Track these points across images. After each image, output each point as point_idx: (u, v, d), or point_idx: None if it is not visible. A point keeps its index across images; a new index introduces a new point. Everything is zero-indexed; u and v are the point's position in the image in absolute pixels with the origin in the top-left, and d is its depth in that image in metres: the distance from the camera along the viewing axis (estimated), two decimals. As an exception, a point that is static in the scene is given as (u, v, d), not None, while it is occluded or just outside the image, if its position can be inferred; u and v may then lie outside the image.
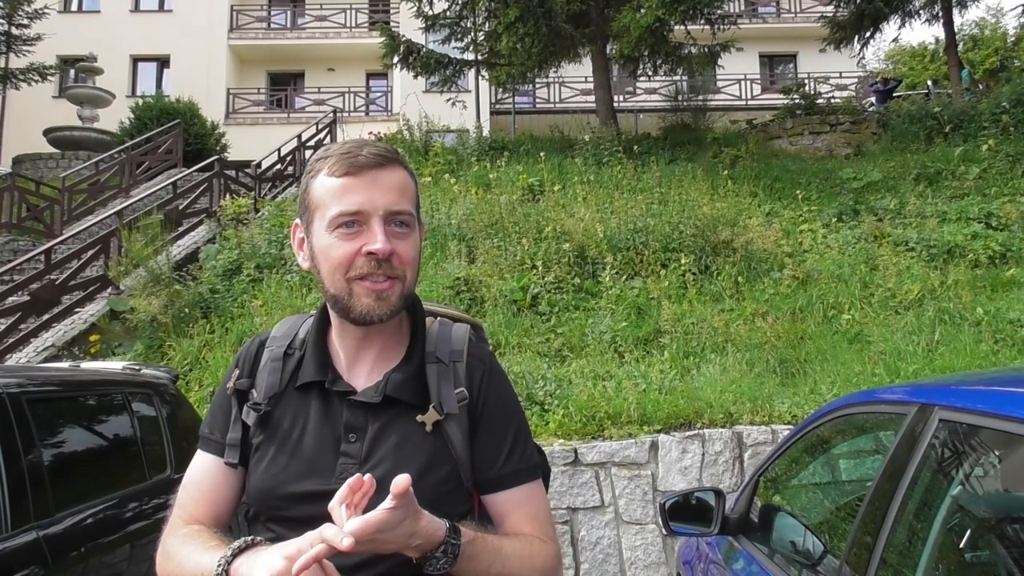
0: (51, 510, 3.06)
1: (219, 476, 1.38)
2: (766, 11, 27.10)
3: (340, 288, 1.27)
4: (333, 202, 1.26)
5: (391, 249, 1.24)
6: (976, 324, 6.96)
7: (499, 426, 1.36)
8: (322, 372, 1.33)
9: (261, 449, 1.33)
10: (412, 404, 1.31)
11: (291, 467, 1.29)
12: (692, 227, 8.97)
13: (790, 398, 5.98)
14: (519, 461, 1.36)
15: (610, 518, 5.43)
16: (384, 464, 1.26)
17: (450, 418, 1.31)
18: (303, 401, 1.34)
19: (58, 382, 3.71)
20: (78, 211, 13.92)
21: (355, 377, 1.34)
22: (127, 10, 25.71)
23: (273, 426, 1.33)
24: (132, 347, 8.39)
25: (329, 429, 1.30)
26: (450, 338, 1.40)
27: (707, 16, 13.48)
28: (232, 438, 1.38)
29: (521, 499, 1.35)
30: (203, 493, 1.38)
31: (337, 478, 1.25)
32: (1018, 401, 1.56)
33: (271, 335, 1.44)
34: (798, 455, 2.77)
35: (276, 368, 1.37)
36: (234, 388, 1.39)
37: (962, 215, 9.25)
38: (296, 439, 1.31)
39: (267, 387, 1.36)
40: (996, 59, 30.39)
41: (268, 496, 1.29)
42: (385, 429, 1.29)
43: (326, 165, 1.28)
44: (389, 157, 1.29)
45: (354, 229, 1.25)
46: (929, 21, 16.72)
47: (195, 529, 1.32)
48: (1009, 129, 11.72)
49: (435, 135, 14.88)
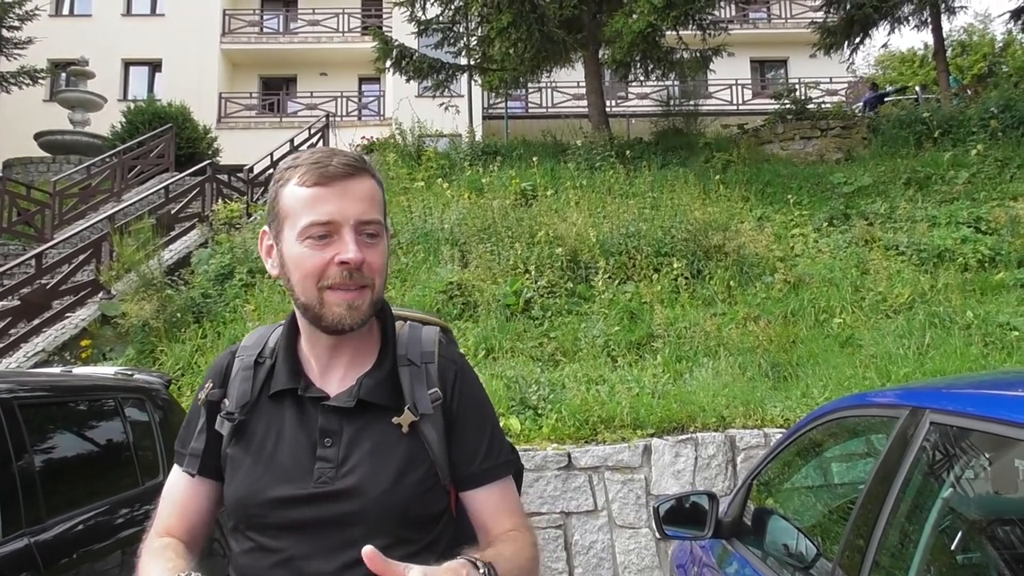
0: (43, 516, 3.04)
1: (188, 489, 1.40)
2: (757, 17, 27.26)
3: (311, 297, 1.28)
4: (304, 212, 1.26)
5: (363, 258, 1.25)
6: (966, 327, 6.99)
7: (474, 424, 1.39)
8: (294, 379, 1.34)
9: (236, 459, 1.33)
10: (386, 407, 1.32)
11: (268, 474, 1.29)
12: (684, 231, 9.00)
13: (782, 401, 6.00)
14: (495, 457, 1.40)
15: (603, 522, 5.43)
16: (362, 467, 1.27)
17: (425, 419, 1.33)
18: (276, 409, 1.35)
19: (50, 387, 3.69)
20: (69, 215, 13.85)
21: (328, 383, 1.35)
22: (119, 14, 25.65)
23: (248, 435, 1.34)
24: (123, 352, 8.36)
25: (304, 435, 1.31)
26: (420, 340, 1.42)
27: (698, 22, 13.52)
28: (195, 448, 1.39)
29: (499, 495, 1.39)
30: (175, 506, 1.40)
31: (315, 482, 1.27)
32: (1008, 404, 1.58)
33: (241, 345, 1.45)
34: (791, 458, 2.78)
35: (247, 377, 1.38)
36: (206, 399, 1.40)
37: (952, 219, 9.30)
38: (272, 447, 1.32)
39: (239, 396, 1.36)
40: (984, 64, 30.58)
41: (246, 504, 1.29)
42: (361, 433, 1.30)
43: (296, 174, 1.29)
44: (358, 167, 1.31)
45: (325, 240, 1.26)
46: (918, 27, 16.82)
47: (164, 543, 1.34)
48: (998, 134, 11.80)
49: (428, 140, 14.87)
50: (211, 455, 1.38)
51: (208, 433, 1.39)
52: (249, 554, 1.30)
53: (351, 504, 1.24)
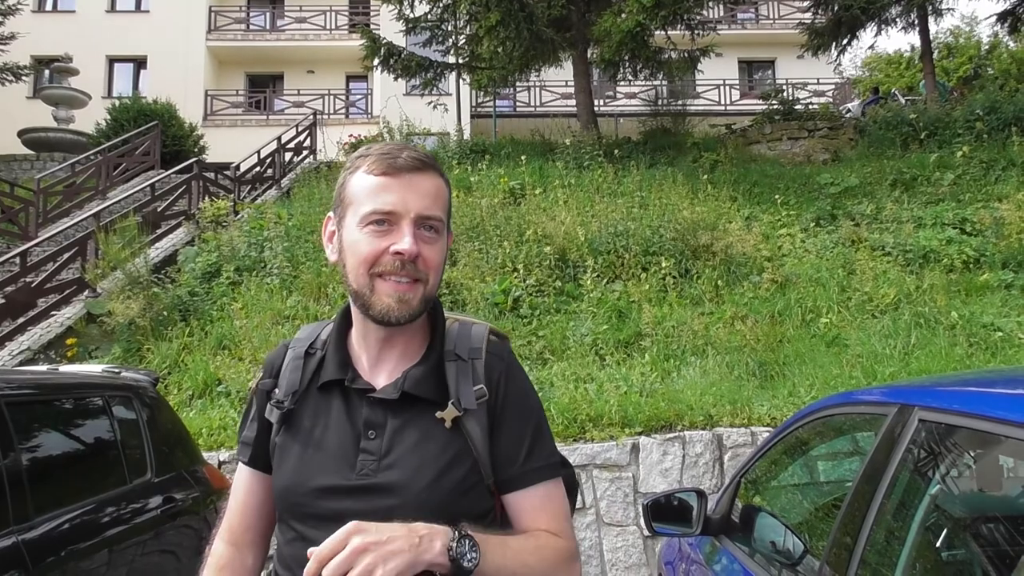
0: (30, 514, 3.03)
1: (246, 483, 1.45)
2: (745, 17, 27.32)
3: (362, 284, 1.28)
4: (368, 199, 1.28)
5: (418, 251, 1.25)
6: (951, 328, 7.06)
7: (518, 423, 1.36)
8: (342, 371, 1.35)
9: (284, 447, 1.35)
10: (431, 401, 1.31)
11: (313, 463, 1.30)
12: (672, 231, 9.03)
13: (769, 400, 6.03)
14: (539, 459, 1.35)
15: (591, 520, 5.44)
16: (404, 461, 1.27)
17: (469, 414, 1.31)
18: (325, 400, 1.36)
19: (36, 385, 3.66)
20: (54, 213, 13.72)
21: (377, 376, 1.35)
22: (103, 10, 25.37)
23: (295, 424, 1.36)
24: (109, 350, 8.30)
25: (349, 426, 1.31)
26: (469, 336, 1.40)
27: (687, 22, 13.58)
28: (247, 436, 1.44)
29: (540, 498, 1.34)
30: (237, 502, 1.45)
31: (357, 474, 1.27)
32: (996, 401, 1.59)
33: (295, 338, 1.47)
34: (779, 456, 2.79)
35: (297, 367, 1.39)
36: (257, 388, 1.43)
37: (937, 220, 9.38)
38: (319, 436, 1.32)
39: (288, 385, 1.38)
40: (970, 67, 30.83)
41: (292, 493, 1.30)
42: (404, 426, 1.30)
43: (365, 163, 1.31)
44: (427, 163, 1.32)
45: (384, 228, 1.27)
46: (905, 29, 16.94)
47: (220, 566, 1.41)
48: (983, 136, 11.90)
49: (416, 138, 14.84)
50: (261, 445, 1.40)
51: (259, 422, 1.41)
52: (291, 544, 1.30)
53: (391, 498, 1.24)
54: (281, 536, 1.35)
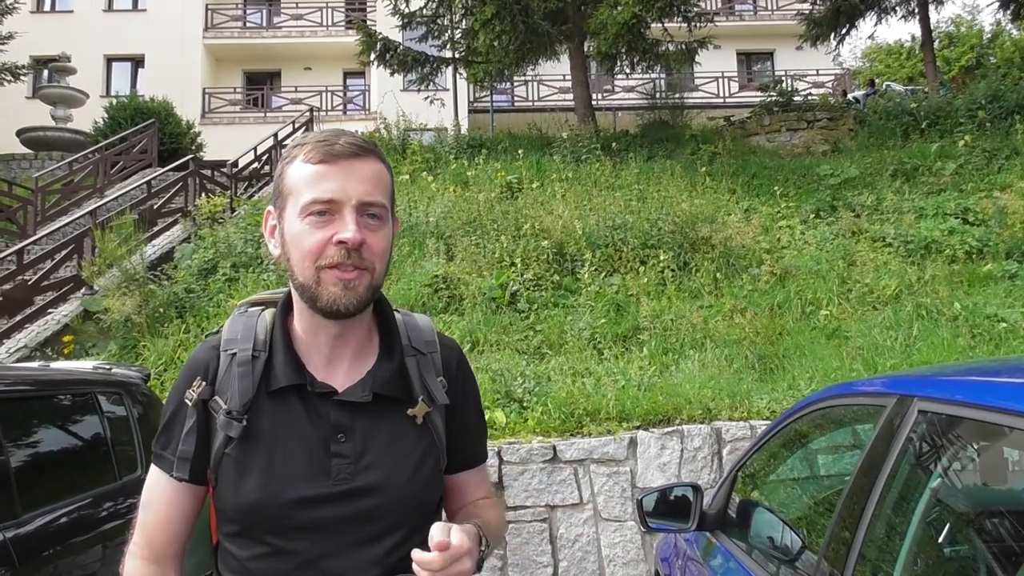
0: (17, 511, 3.01)
1: (172, 495, 1.32)
2: (743, 8, 27.25)
3: (308, 276, 1.23)
4: (306, 189, 1.23)
5: (362, 239, 1.21)
6: (953, 319, 6.99)
7: (473, 409, 1.45)
8: (300, 375, 1.28)
9: (241, 461, 1.25)
10: (398, 399, 1.30)
11: (283, 474, 1.23)
12: (670, 224, 8.96)
13: (768, 394, 5.97)
14: (483, 437, 1.51)
15: (589, 515, 5.39)
16: (381, 462, 1.26)
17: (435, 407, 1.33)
18: (281, 406, 1.27)
19: (25, 382, 3.64)
20: (52, 212, 13.69)
21: (333, 376, 1.30)
22: (100, 9, 25.38)
23: (253, 436, 1.26)
24: (106, 347, 8.27)
25: (315, 431, 1.25)
26: (419, 328, 1.40)
27: (684, 13, 13.52)
28: (184, 451, 1.29)
29: (483, 472, 1.50)
30: (158, 516, 1.32)
31: (334, 480, 1.23)
32: (997, 390, 1.54)
33: (224, 338, 1.34)
34: (776, 450, 2.74)
35: (246, 373, 1.28)
36: (197, 398, 1.29)
37: (939, 211, 9.29)
38: (283, 446, 1.25)
39: (240, 394, 1.26)
40: (972, 56, 30.66)
41: (265, 507, 1.22)
42: (375, 426, 1.28)
43: (302, 151, 1.26)
44: (366, 148, 1.28)
45: (326, 217, 1.22)
46: (905, 18, 16.85)
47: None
48: (985, 125, 11.82)
49: (413, 133, 14.79)
50: (201, 459, 1.29)
51: (198, 435, 1.29)
52: (264, 559, 1.23)
53: (373, 500, 1.23)
54: (244, 550, 1.25)
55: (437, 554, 1.09)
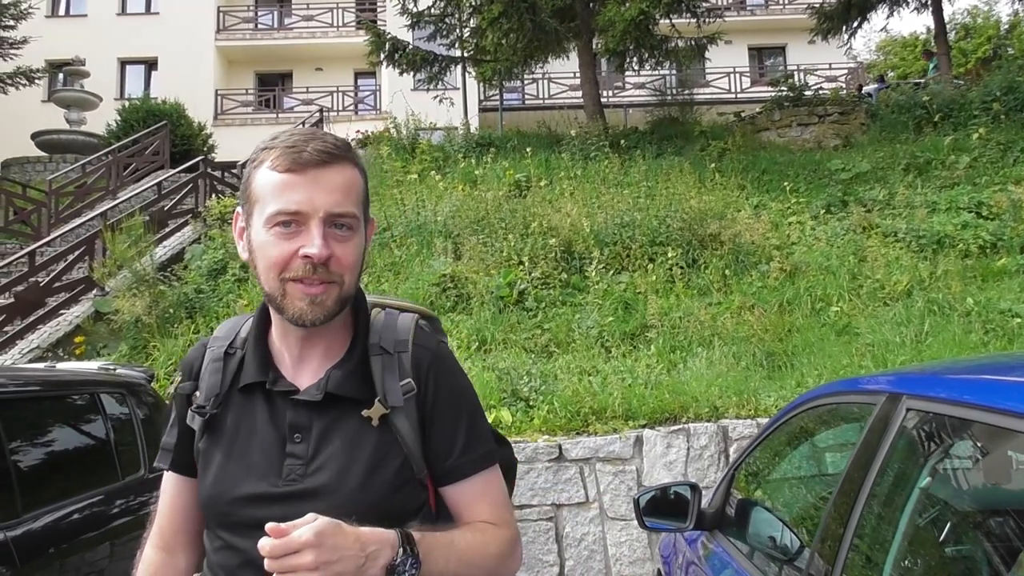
0: (19, 511, 3.02)
1: (173, 487, 1.38)
2: (754, 3, 27.09)
3: (274, 287, 1.21)
4: (272, 199, 1.19)
5: (328, 254, 1.17)
6: (966, 314, 6.90)
7: (450, 416, 1.31)
8: (263, 372, 1.28)
9: (207, 454, 1.29)
10: (357, 400, 1.25)
11: (237, 470, 1.24)
12: (679, 221, 8.91)
13: (776, 391, 5.92)
14: (474, 449, 1.31)
15: (595, 514, 5.37)
16: (332, 464, 1.22)
17: (397, 411, 1.25)
18: (247, 403, 1.29)
19: (28, 382, 3.67)
20: (65, 214, 13.82)
21: (300, 376, 1.28)
22: (114, 13, 25.59)
23: (218, 430, 1.29)
24: (117, 348, 8.32)
25: (274, 430, 1.25)
26: (395, 328, 1.34)
27: (692, 9, 13.45)
28: (166, 442, 1.36)
29: (478, 488, 1.31)
30: (164, 506, 1.39)
31: (284, 480, 1.21)
32: (983, 388, 1.53)
33: (213, 336, 1.39)
34: (772, 448, 2.72)
35: (217, 369, 1.32)
36: (176, 392, 1.36)
37: (952, 205, 9.19)
38: (242, 442, 1.26)
39: (208, 389, 1.30)
40: (989, 47, 30.31)
41: (216, 502, 1.25)
42: (331, 427, 1.24)
43: (270, 156, 1.21)
44: (335, 154, 1.22)
45: (292, 229, 1.18)
46: (918, 9, 16.68)
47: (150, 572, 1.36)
48: (1000, 117, 11.68)
49: (423, 133, 14.81)
50: (184, 451, 1.34)
51: (179, 427, 1.34)
52: (219, 552, 1.25)
53: (321, 503, 1.17)
54: (209, 543, 1.29)
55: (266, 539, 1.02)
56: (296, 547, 1.01)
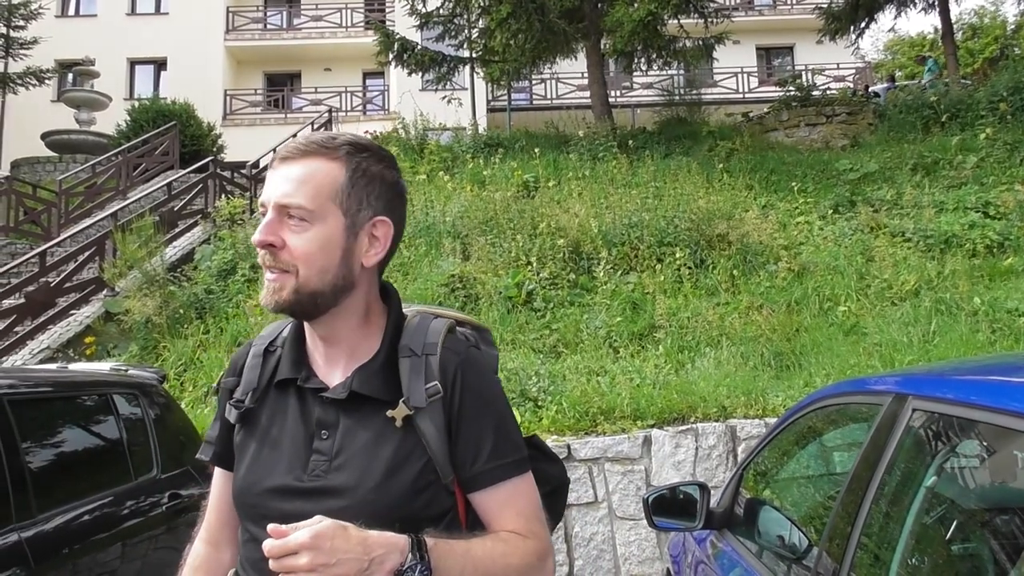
0: (33, 512, 3.04)
1: (219, 481, 1.44)
2: (762, 3, 27.05)
3: None
4: None
5: (264, 240, 1.22)
6: (973, 314, 6.91)
7: (478, 420, 1.30)
8: (296, 369, 1.32)
9: (242, 447, 1.34)
10: (383, 400, 1.27)
11: (267, 463, 1.29)
12: (687, 221, 8.94)
13: (784, 391, 5.94)
14: (502, 456, 1.29)
15: (604, 514, 5.40)
16: (353, 462, 1.24)
17: (421, 412, 1.26)
18: (281, 398, 1.33)
19: (41, 383, 3.69)
20: (75, 214, 13.87)
21: (331, 375, 1.32)
22: (124, 13, 25.71)
23: (253, 423, 1.34)
24: (127, 348, 8.37)
25: (303, 426, 1.29)
26: (426, 330, 1.34)
27: (700, 10, 13.46)
28: (209, 435, 1.43)
29: (505, 496, 1.29)
30: (212, 500, 1.46)
31: (309, 475, 1.25)
32: (988, 389, 1.55)
33: (259, 335, 1.45)
34: (780, 447, 2.74)
35: (256, 365, 1.38)
36: (221, 387, 1.42)
37: (959, 204, 9.19)
38: (275, 436, 1.31)
39: (246, 384, 1.36)
40: (996, 47, 30.21)
41: (246, 493, 1.29)
42: (355, 426, 1.27)
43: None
44: (305, 150, 1.25)
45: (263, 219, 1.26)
46: (925, 10, 16.67)
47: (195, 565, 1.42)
48: (1007, 117, 11.67)
49: (431, 133, 14.84)
50: (225, 444, 1.39)
51: (221, 421, 1.40)
52: (246, 545, 1.29)
53: (340, 500, 1.21)
54: (240, 537, 1.34)
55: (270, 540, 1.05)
56: (292, 548, 1.03)
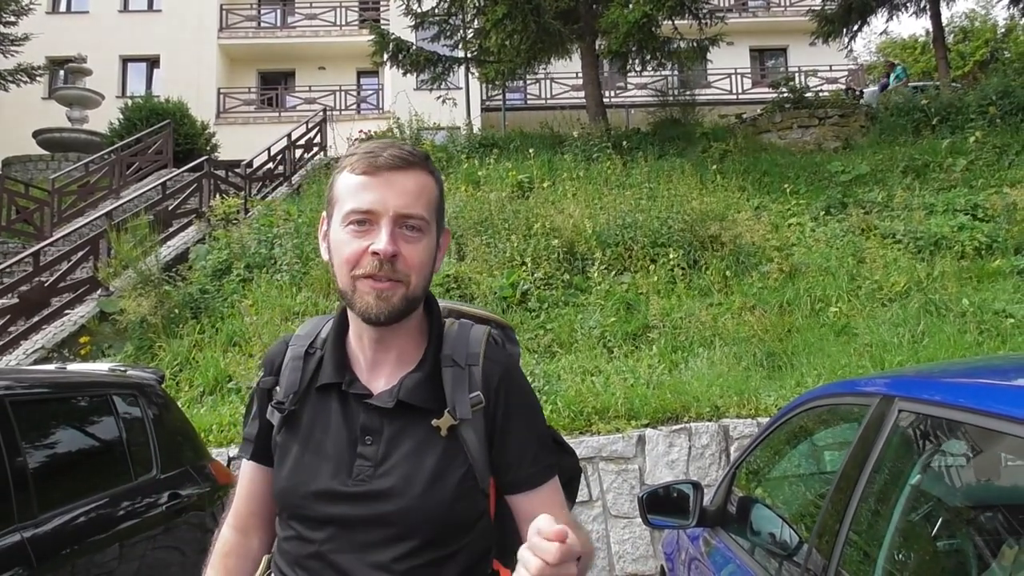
0: (35, 511, 3.06)
1: (250, 474, 1.48)
2: (756, 5, 27.11)
3: (346, 284, 1.29)
4: (349, 199, 1.29)
5: (394, 251, 1.25)
6: (961, 315, 7.00)
7: (524, 429, 1.37)
8: (339, 374, 1.35)
9: (284, 448, 1.37)
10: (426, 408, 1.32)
11: (311, 466, 1.32)
12: (681, 222, 9.01)
13: (776, 391, 6.01)
14: (543, 460, 1.38)
15: (598, 512, 5.46)
16: (399, 469, 1.29)
17: (465, 422, 1.32)
18: (324, 402, 1.36)
19: (42, 384, 3.70)
20: (68, 213, 13.77)
21: (375, 380, 1.36)
22: (116, 10, 25.52)
23: (296, 426, 1.37)
24: (122, 348, 8.38)
25: (347, 431, 1.32)
26: (467, 340, 1.39)
27: (695, 11, 13.52)
28: (248, 433, 1.47)
29: (547, 495, 1.36)
30: (242, 490, 1.49)
31: (354, 479, 1.29)
32: (976, 392, 1.60)
33: (295, 335, 1.47)
34: (772, 447, 2.80)
35: (297, 367, 1.40)
36: (259, 387, 1.45)
37: (949, 207, 9.29)
38: (317, 439, 1.34)
39: (288, 386, 1.39)
40: (986, 51, 30.39)
41: (290, 495, 1.33)
42: (400, 433, 1.31)
43: (349, 162, 1.32)
44: (410, 160, 1.30)
45: (364, 227, 1.27)
46: (917, 13, 16.78)
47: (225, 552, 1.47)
48: (996, 120, 11.78)
49: (426, 133, 14.86)
50: (263, 441, 1.43)
51: (260, 420, 1.43)
52: (289, 541, 1.34)
53: (385, 505, 1.26)
54: (281, 531, 1.38)
55: (556, 544, 1.00)
56: (574, 555, 1.03)
